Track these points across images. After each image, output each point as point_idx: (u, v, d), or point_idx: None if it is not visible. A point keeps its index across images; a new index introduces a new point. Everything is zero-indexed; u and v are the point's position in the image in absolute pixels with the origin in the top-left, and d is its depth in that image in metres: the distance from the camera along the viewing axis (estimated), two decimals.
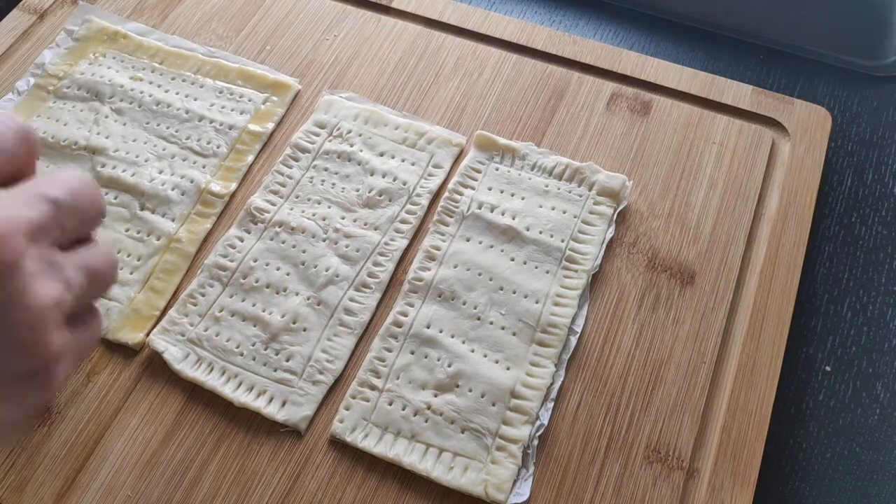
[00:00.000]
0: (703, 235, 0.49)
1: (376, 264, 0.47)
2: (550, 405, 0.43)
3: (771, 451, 0.43)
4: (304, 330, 0.45)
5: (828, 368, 0.48)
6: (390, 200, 0.49)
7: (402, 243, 0.48)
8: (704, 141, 0.52)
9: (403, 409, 0.42)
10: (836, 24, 0.62)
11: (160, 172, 0.51)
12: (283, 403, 0.43)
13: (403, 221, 0.48)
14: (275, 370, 0.43)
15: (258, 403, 0.42)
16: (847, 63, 0.59)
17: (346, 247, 0.47)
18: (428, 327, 0.45)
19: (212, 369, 0.44)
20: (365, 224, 0.48)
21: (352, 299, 0.46)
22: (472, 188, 0.50)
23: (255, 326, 0.45)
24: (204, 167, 0.51)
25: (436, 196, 0.50)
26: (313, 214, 0.48)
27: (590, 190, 0.49)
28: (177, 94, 0.54)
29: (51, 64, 0.55)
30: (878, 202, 0.53)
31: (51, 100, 0.54)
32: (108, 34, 0.57)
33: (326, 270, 0.46)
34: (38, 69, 0.55)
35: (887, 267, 0.51)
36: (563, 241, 0.47)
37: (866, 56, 0.60)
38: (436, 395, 0.43)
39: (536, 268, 0.47)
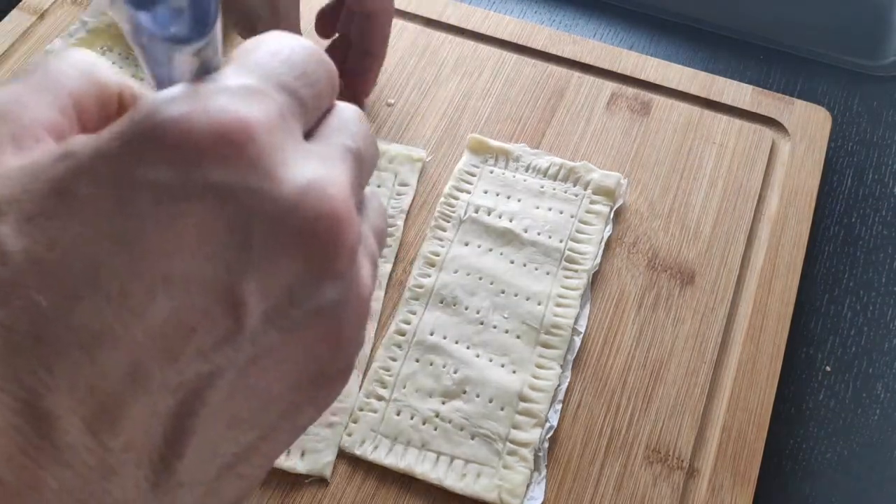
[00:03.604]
0: (703, 235, 0.49)
1: None
2: (559, 406, 0.42)
3: (771, 451, 0.43)
4: None
5: (828, 368, 0.48)
6: None
7: (387, 268, 0.47)
8: (704, 141, 0.52)
9: (412, 419, 0.42)
10: (836, 24, 0.62)
11: None
12: (303, 454, 0.41)
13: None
14: None
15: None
16: (847, 63, 0.59)
17: None
18: (432, 334, 0.44)
19: None
20: None
21: None
22: (468, 192, 0.49)
23: None
24: None
25: (417, 209, 0.49)
26: None
27: (585, 189, 0.49)
28: None
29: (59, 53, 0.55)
30: (878, 202, 0.53)
31: None
32: (120, 30, 0.57)
33: None
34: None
35: (887, 267, 0.51)
36: (561, 241, 0.47)
37: (866, 56, 0.60)
38: (443, 403, 0.42)
39: (536, 269, 0.46)
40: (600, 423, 0.43)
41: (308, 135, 0.20)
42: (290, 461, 0.41)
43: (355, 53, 0.50)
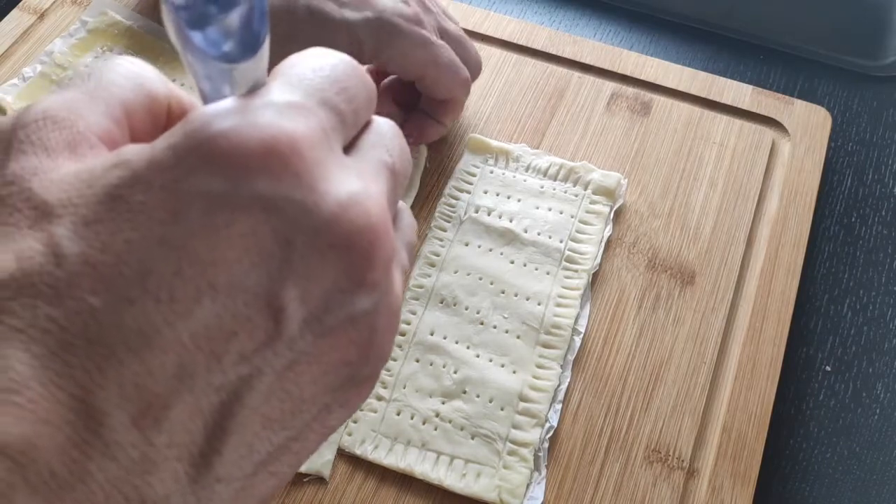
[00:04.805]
0: (703, 235, 0.49)
1: None
2: (559, 406, 0.42)
3: (771, 451, 0.43)
4: None
5: (828, 368, 0.48)
6: None
7: None
8: (704, 141, 0.52)
9: (412, 419, 0.42)
10: (836, 24, 0.62)
11: None
12: None
13: None
14: None
15: None
16: (847, 63, 0.59)
17: None
18: (432, 334, 0.44)
19: None
20: None
21: None
22: (468, 192, 0.49)
23: None
24: None
25: (428, 203, 0.49)
26: None
27: (585, 189, 0.49)
28: None
29: (59, 53, 0.55)
30: (878, 202, 0.53)
31: (52, 89, 0.54)
32: (120, 29, 0.57)
33: None
34: (47, 57, 0.55)
35: (887, 267, 0.51)
36: (561, 241, 0.47)
37: (866, 56, 0.60)
38: (444, 403, 0.42)
39: (536, 269, 0.46)
40: (600, 423, 0.43)
41: (347, 148, 0.21)
42: None
43: (419, 115, 0.50)
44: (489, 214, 0.48)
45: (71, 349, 0.16)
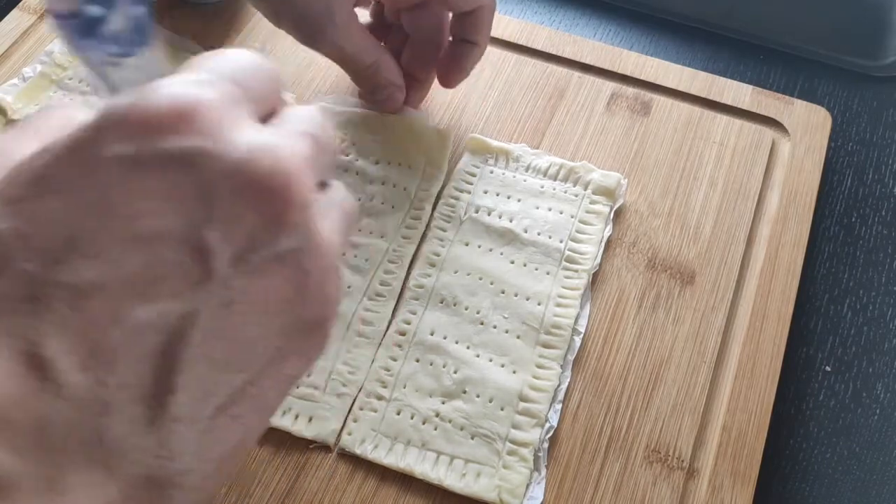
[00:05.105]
0: (703, 235, 0.49)
1: (387, 272, 0.46)
2: (559, 406, 0.42)
3: (771, 451, 0.43)
4: None
5: (828, 368, 0.48)
6: (393, 207, 0.48)
7: (411, 249, 0.47)
8: (704, 141, 0.52)
9: (412, 418, 0.42)
10: (836, 24, 0.62)
11: None
12: (310, 419, 0.42)
13: (409, 227, 0.48)
14: (297, 386, 0.43)
15: (285, 422, 0.42)
16: (847, 63, 0.59)
17: (354, 256, 0.47)
18: (432, 334, 0.44)
19: None
20: (370, 232, 0.47)
21: (367, 309, 0.45)
22: (468, 192, 0.49)
23: None
24: None
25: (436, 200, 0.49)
26: None
27: (585, 189, 0.49)
28: None
29: (59, 53, 0.55)
30: (878, 202, 0.53)
31: (53, 89, 0.54)
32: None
33: None
34: (47, 57, 0.55)
35: (887, 267, 0.51)
36: (561, 241, 0.47)
37: (866, 56, 0.60)
38: (444, 403, 0.42)
39: (536, 269, 0.46)
40: (600, 423, 0.43)
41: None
42: (299, 425, 0.42)
43: (452, 44, 0.49)
44: (489, 214, 0.48)
45: (15, 312, 0.18)
